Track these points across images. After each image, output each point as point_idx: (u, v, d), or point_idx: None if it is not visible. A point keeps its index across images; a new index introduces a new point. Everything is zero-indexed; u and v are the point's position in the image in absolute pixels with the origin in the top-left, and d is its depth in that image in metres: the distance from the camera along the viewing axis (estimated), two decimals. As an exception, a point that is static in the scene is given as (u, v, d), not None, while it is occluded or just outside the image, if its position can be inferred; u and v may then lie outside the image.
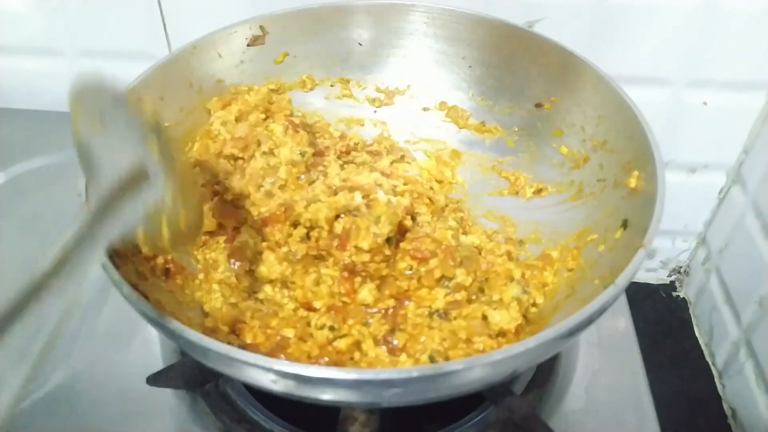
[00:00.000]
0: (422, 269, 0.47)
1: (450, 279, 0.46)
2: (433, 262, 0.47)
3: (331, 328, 0.44)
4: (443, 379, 0.33)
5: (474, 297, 0.46)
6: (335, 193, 0.50)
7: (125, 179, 0.34)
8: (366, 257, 0.46)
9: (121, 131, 0.35)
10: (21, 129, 0.74)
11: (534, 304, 0.46)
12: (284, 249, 0.49)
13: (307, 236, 0.48)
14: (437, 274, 0.46)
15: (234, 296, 0.46)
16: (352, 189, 0.50)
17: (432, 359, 0.41)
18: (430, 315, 0.45)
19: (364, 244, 0.46)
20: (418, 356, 0.41)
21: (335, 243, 0.47)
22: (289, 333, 0.43)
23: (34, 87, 0.76)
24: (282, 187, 0.52)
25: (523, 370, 0.52)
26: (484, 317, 0.44)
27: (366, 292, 0.46)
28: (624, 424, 0.51)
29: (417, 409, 0.38)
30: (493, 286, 0.47)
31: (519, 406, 0.49)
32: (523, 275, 0.47)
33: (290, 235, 0.49)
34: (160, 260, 0.45)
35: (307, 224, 0.48)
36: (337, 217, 0.48)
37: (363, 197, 0.49)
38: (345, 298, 0.46)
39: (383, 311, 0.45)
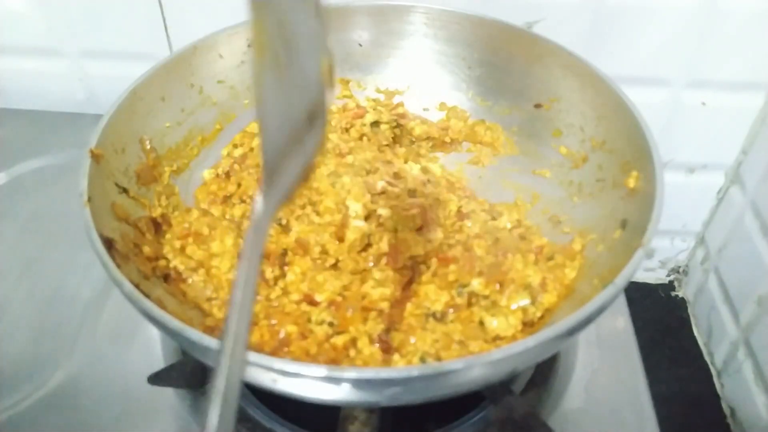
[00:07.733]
0: (440, 271, 0.47)
1: (464, 286, 0.46)
2: (452, 267, 0.47)
3: (330, 324, 0.44)
4: (443, 379, 0.33)
5: (474, 300, 0.46)
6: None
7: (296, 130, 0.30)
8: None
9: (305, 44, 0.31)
10: (22, 129, 0.74)
11: (541, 317, 0.45)
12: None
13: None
14: (452, 278, 0.47)
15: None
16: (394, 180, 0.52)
17: (423, 360, 0.41)
18: (426, 316, 0.45)
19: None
20: (410, 357, 0.41)
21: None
22: (291, 329, 0.43)
23: (35, 87, 0.76)
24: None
25: (523, 370, 0.52)
26: (481, 322, 0.44)
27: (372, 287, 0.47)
28: (623, 423, 0.51)
29: (417, 407, 0.39)
30: (503, 290, 0.46)
31: (518, 405, 0.49)
32: (543, 280, 0.45)
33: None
34: (162, 263, 0.45)
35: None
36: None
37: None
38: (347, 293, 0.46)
39: (379, 310, 0.45)
